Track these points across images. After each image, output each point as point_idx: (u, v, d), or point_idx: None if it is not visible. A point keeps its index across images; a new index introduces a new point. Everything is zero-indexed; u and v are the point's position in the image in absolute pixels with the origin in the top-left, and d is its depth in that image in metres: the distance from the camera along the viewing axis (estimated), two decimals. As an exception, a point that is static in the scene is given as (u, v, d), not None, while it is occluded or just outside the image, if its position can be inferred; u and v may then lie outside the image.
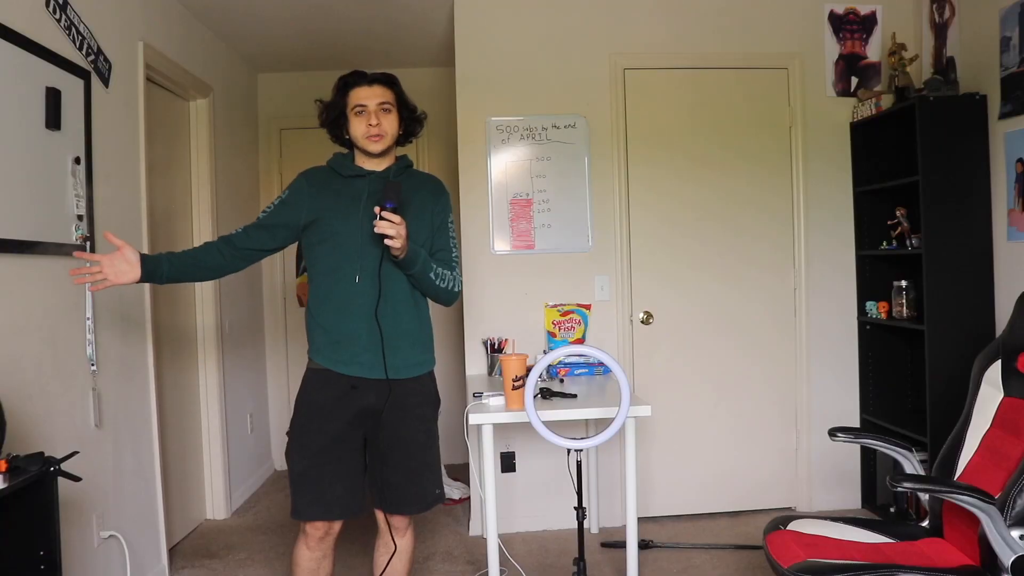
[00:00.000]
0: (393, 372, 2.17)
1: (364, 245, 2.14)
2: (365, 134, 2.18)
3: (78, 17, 2.55)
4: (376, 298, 2.14)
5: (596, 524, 3.61)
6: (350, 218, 2.16)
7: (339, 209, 2.18)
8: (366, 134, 2.18)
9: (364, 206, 2.16)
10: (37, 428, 2.27)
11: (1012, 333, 2.37)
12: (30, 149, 2.30)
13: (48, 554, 1.84)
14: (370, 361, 2.17)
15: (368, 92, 2.18)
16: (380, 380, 2.17)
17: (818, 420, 3.73)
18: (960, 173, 3.22)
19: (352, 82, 2.20)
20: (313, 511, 2.18)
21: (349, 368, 2.17)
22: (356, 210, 2.17)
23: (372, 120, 2.17)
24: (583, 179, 3.66)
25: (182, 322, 3.69)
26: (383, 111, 2.19)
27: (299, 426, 2.21)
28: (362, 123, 2.18)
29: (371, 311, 2.14)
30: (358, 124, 2.18)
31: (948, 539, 2.26)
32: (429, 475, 2.28)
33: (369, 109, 2.17)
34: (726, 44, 3.71)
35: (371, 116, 2.17)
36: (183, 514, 3.60)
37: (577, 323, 3.61)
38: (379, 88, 2.20)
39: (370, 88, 2.19)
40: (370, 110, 2.17)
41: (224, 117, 4.11)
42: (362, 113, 2.18)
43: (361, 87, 2.19)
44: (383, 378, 2.16)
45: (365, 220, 2.13)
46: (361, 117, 2.18)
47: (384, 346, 2.15)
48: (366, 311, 2.15)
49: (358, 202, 2.18)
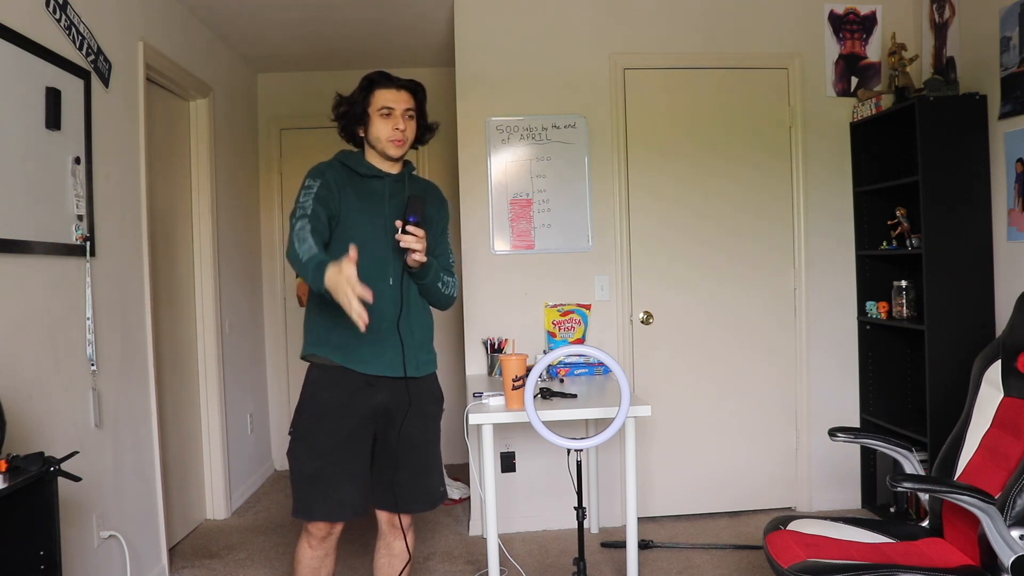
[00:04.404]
0: (412, 371, 2.22)
1: (392, 251, 2.15)
2: (390, 137, 2.17)
3: (78, 17, 2.55)
4: (401, 303, 2.18)
5: (596, 524, 3.60)
6: (375, 218, 2.17)
7: (362, 208, 2.18)
8: (391, 137, 2.17)
9: (388, 208, 2.18)
10: (37, 428, 2.27)
11: (1012, 333, 2.37)
12: (30, 149, 2.30)
13: (48, 554, 1.84)
14: (391, 360, 2.18)
15: (396, 96, 2.18)
16: (397, 379, 2.19)
17: (818, 420, 3.73)
18: (960, 173, 3.22)
19: (379, 82, 2.19)
20: (323, 511, 2.17)
21: (368, 366, 2.18)
22: (381, 210, 2.18)
23: (400, 124, 2.17)
24: (583, 179, 3.66)
25: (182, 322, 3.69)
26: (408, 117, 2.19)
27: (307, 425, 2.20)
28: (388, 126, 2.17)
29: (396, 315, 2.17)
30: (383, 126, 2.17)
31: (948, 539, 2.26)
32: (435, 473, 2.31)
33: (396, 112, 2.17)
34: (726, 44, 3.71)
35: (398, 120, 2.17)
36: (183, 514, 3.60)
37: (577, 323, 3.61)
38: (406, 94, 2.20)
39: (398, 92, 2.19)
40: (397, 114, 2.17)
41: (224, 117, 4.11)
42: (388, 116, 2.17)
43: (389, 90, 2.18)
44: (400, 376, 2.19)
45: (390, 223, 2.15)
46: (387, 120, 2.17)
47: (404, 348, 2.18)
48: (390, 314, 2.17)
49: (381, 203, 2.19)
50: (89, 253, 2.58)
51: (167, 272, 3.51)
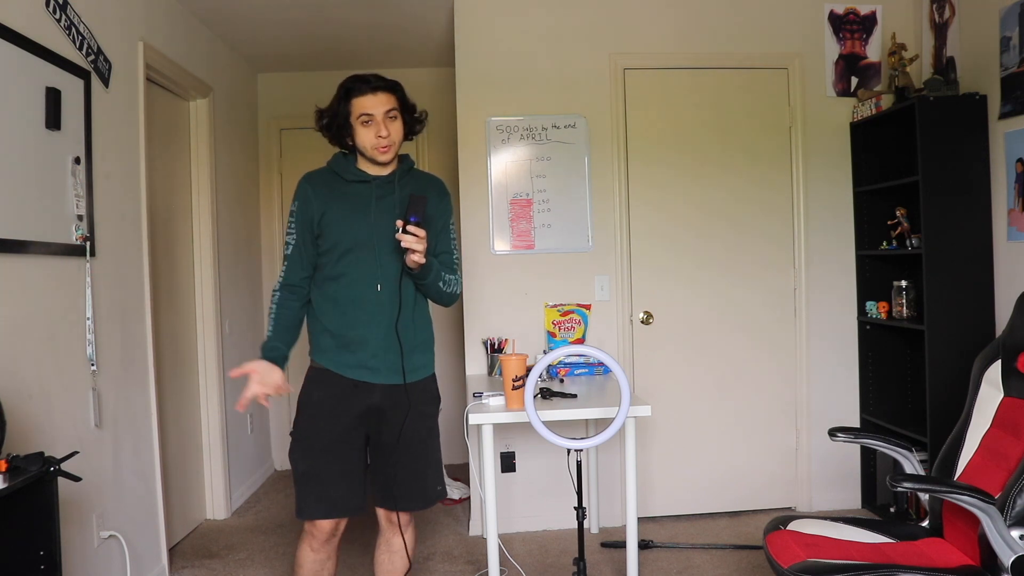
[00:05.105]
0: (405, 377, 2.19)
1: (382, 254, 2.14)
2: (374, 145, 2.13)
3: (78, 17, 2.55)
4: (397, 308, 2.15)
5: (596, 524, 3.60)
6: (358, 224, 2.15)
7: (346, 214, 2.16)
8: (375, 145, 2.13)
9: (375, 212, 2.16)
10: (37, 428, 2.27)
11: (1012, 333, 2.37)
12: (30, 149, 2.30)
13: (48, 554, 1.84)
14: (377, 366, 2.17)
15: (373, 100, 2.12)
16: (388, 385, 2.18)
17: (818, 420, 3.73)
18: (960, 173, 3.22)
19: (355, 89, 2.13)
20: (316, 510, 2.19)
21: (354, 372, 2.18)
22: (365, 216, 2.16)
23: (382, 131, 2.11)
24: (583, 179, 3.66)
25: (182, 322, 3.69)
26: (390, 119, 2.14)
27: (302, 425, 2.21)
28: (370, 133, 2.12)
29: (389, 320, 2.15)
30: (366, 134, 2.13)
31: (948, 539, 2.26)
32: (432, 472, 2.30)
33: (376, 119, 2.12)
34: (726, 44, 3.71)
35: (380, 127, 2.12)
36: (183, 514, 3.60)
37: (577, 323, 3.61)
38: (383, 95, 2.13)
39: (375, 96, 2.12)
40: (377, 120, 2.12)
41: (224, 117, 4.11)
42: (369, 123, 2.12)
43: (365, 95, 2.12)
44: (391, 383, 2.18)
45: (377, 227, 2.13)
46: (369, 127, 2.12)
47: (403, 355, 2.17)
48: (382, 319, 2.15)
49: (366, 208, 2.16)
50: (89, 253, 2.58)
51: (167, 272, 3.51)
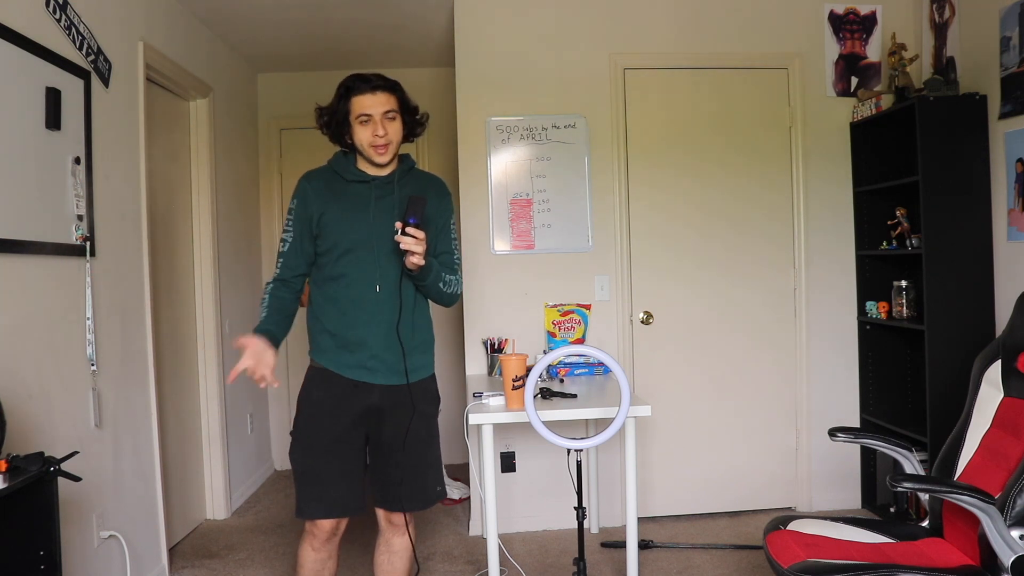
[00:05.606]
0: (404, 378, 2.19)
1: (381, 255, 2.14)
2: (371, 144, 2.12)
3: (78, 17, 2.55)
4: (398, 309, 2.15)
5: (596, 524, 3.60)
6: (358, 224, 2.15)
7: (345, 214, 2.16)
8: (372, 143, 2.12)
9: (374, 212, 2.16)
10: (37, 428, 2.27)
11: (1012, 333, 2.37)
12: (30, 149, 2.30)
13: (48, 554, 1.84)
14: (377, 367, 2.17)
15: (372, 100, 2.11)
16: (387, 385, 2.18)
17: (818, 420, 3.73)
18: (960, 173, 3.22)
19: (355, 88, 2.13)
20: (315, 509, 2.19)
21: (353, 372, 2.18)
22: (364, 216, 2.16)
23: (379, 131, 2.11)
24: (583, 179, 3.66)
25: (182, 322, 3.69)
26: (388, 119, 2.13)
27: (302, 425, 2.21)
28: (368, 132, 2.12)
29: (388, 320, 2.15)
30: (363, 133, 2.12)
31: (948, 539, 2.26)
32: (431, 472, 2.30)
33: (375, 118, 2.11)
34: (726, 44, 3.71)
35: (377, 126, 2.11)
36: (183, 514, 3.60)
37: (577, 323, 3.61)
38: (383, 95, 2.13)
39: (374, 96, 2.12)
40: (375, 119, 2.11)
41: (224, 117, 4.11)
42: (367, 122, 2.11)
43: (364, 94, 2.12)
44: (390, 384, 2.18)
45: (376, 228, 2.13)
46: (367, 126, 2.12)
47: (405, 356, 2.17)
48: (381, 320, 2.15)
49: (365, 208, 2.16)
50: (89, 253, 2.58)
51: (167, 272, 3.51)
